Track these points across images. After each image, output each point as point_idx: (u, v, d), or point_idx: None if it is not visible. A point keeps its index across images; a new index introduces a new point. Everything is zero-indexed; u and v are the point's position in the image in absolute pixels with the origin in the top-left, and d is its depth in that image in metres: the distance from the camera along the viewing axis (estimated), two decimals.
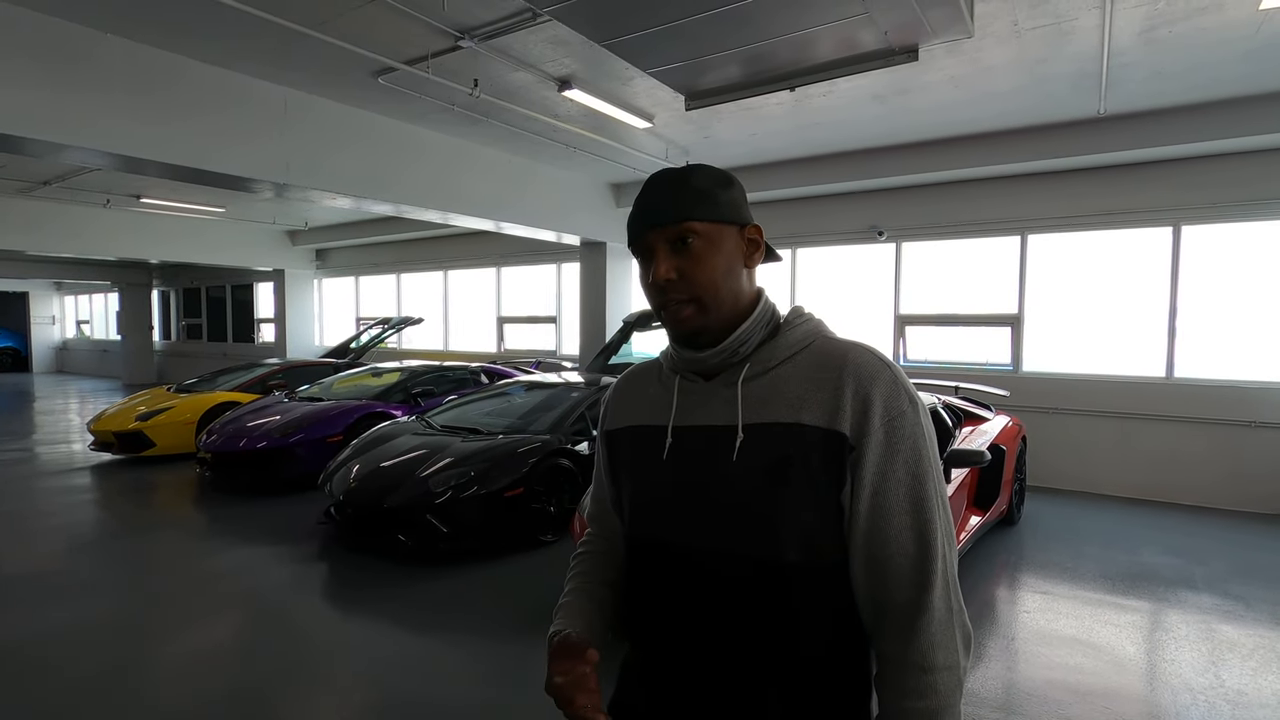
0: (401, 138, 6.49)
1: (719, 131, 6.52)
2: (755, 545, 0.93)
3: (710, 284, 0.97)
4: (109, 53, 4.61)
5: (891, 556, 0.91)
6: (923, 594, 0.90)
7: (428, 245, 12.49)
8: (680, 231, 0.97)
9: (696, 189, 0.98)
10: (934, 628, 0.89)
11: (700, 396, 1.02)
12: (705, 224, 0.97)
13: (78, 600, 3.90)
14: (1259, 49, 4.47)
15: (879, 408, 0.91)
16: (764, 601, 0.93)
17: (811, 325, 1.02)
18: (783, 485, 0.92)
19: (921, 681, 0.89)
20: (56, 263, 15.76)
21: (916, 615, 0.89)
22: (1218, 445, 6.19)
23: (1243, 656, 3.34)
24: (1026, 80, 5.05)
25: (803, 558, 0.92)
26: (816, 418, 0.92)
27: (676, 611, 1.00)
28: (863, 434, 0.91)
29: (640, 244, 1.01)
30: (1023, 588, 4.24)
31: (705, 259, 0.97)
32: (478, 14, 4.22)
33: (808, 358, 0.97)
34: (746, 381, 0.98)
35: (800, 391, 0.94)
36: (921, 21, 3.35)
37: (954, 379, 6.35)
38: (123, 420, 7.56)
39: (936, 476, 0.93)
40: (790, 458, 0.92)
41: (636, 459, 1.08)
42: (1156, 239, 6.47)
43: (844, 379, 0.93)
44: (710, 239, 0.97)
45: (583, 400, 5.55)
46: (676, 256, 0.97)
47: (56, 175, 8.73)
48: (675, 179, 1.00)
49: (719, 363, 1.00)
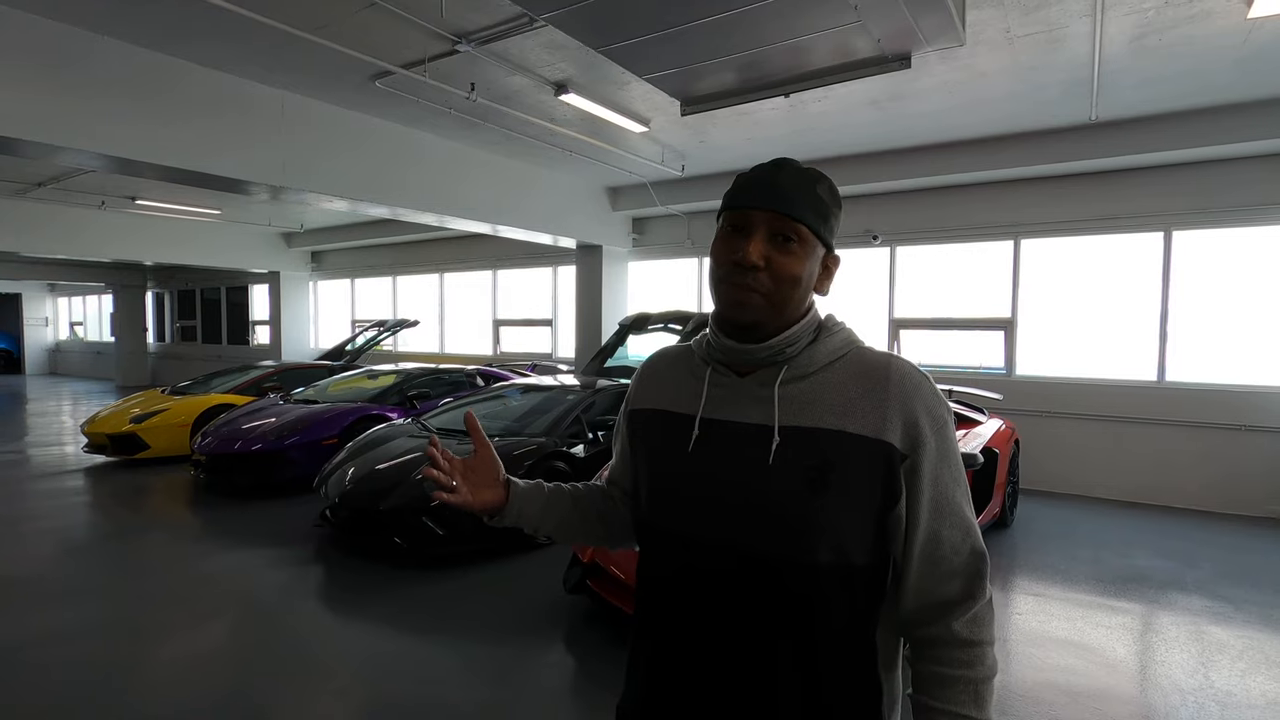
0: (398, 141, 6.51)
1: (715, 136, 6.56)
2: (786, 547, 0.94)
3: (791, 286, 0.97)
4: (105, 55, 4.61)
5: (946, 556, 0.96)
6: (974, 581, 0.97)
7: (424, 248, 12.49)
8: (789, 227, 0.96)
9: (819, 197, 0.99)
10: (981, 607, 0.96)
11: (731, 392, 1.02)
12: (811, 233, 0.98)
13: (71, 603, 3.89)
14: (1248, 57, 4.53)
15: (926, 419, 0.95)
16: (785, 601, 0.94)
17: (846, 334, 1.04)
18: (822, 490, 0.93)
19: (970, 654, 0.95)
20: (50, 264, 15.69)
21: (971, 599, 0.96)
22: (1208, 449, 6.24)
23: (1232, 658, 3.37)
24: (1019, 87, 5.10)
25: (834, 559, 0.94)
26: (862, 427, 0.94)
27: (692, 605, 1.00)
28: (917, 444, 0.94)
29: (740, 215, 0.98)
30: (1015, 590, 4.27)
31: (797, 263, 0.97)
32: (475, 19, 4.24)
33: (847, 366, 0.99)
34: (784, 384, 0.99)
35: (844, 400, 0.96)
36: (914, 29, 3.38)
37: (948, 383, 6.39)
38: (117, 422, 7.54)
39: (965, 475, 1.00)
40: (832, 464, 0.93)
41: (660, 446, 1.07)
42: (1148, 244, 6.53)
43: (889, 390, 0.95)
44: (808, 248, 0.98)
45: (578, 403, 5.56)
46: (772, 246, 0.96)
47: (51, 177, 8.71)
48: (803, 175, 0.99)
49: (762, 359, 1.00)
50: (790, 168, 1.00)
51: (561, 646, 3.44)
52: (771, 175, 0.99)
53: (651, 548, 1.08)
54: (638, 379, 1.18)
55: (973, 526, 0.97)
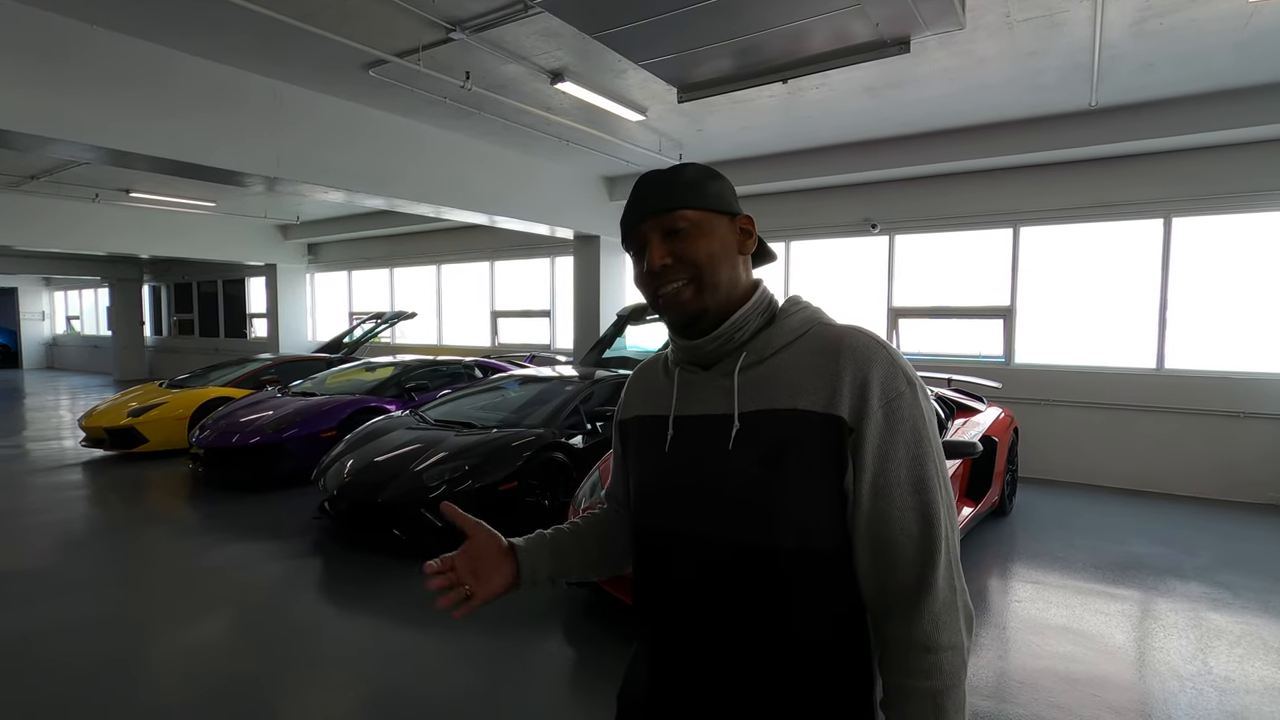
0: (393, 131, 6.46)
1: (712, 124, 6.51)
2: (751, 532, 0.94)
3: (707, 261, 0.98)
4: (95, 45, 4.56)
5: (894, 537, 0.91)
6: (926, 573, 0.90)
7: (421, 239, 12.44)
8: (673, 220, 0.99)
9: (684, 181, 1.01)
10: (938, 607, 0.89)
11: (699, 387, 1.03)
12: (696, 211, 0.99)
13: (70, 597, 3.89)
14: (1249, 40, 4.49)
15: (876, 389, 0.91)
16: (760, 588, 0.94)
17: (809, 313, 1.02)
18: (779, 472, 0.92)
19: (926, 661, 0.89)
20: (46, 258, 15.62)
21: (920, 595, 0.89)
22: (1207, 436, 6.24)
23: (1230, 644, 3.38)
24: (1018, 72, 5.06)
25: (799, 544, 0.92)
26: (813, 402, 0.92)
27: (678, 599, 1.01)
28: (861, 416, 0.91)
29: (634, 237, 1.03)
30: (1014, 577, 4.28)
31: (699, 240, 0.99)
32: (469, 5, 4.20)
33: (804, 344, 0.98)
34: (743, 370, 0.98)
35: (797, 377, 0.95)
36: (913, 13, 3.35)
37: (946, 371, 6.37)
38: (114, 416, 7.53)
39: (937, 457, 0.93)
40: (786, 443, 0.92)
41: (642, 449, 1.09)
42: (1147, 231, 6.50)
43: (841, 362, 0.93)
44: (702, 225, 0.99)
45: (577, 394, 5.55)
46: (670, 243, 0.99)
47: (44, 169, 8.65)
48: (664, 175, 1.03)
49: (716, 349, 1.01)
50: (648, 179, 1.04)
51: (560, 637, 3.45)
52: (636, 195, 1.04)
53: (640, 546, 1.10)
54: (625, 392, 1.21)
55: (935, 513, 0.90)
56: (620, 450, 1.20)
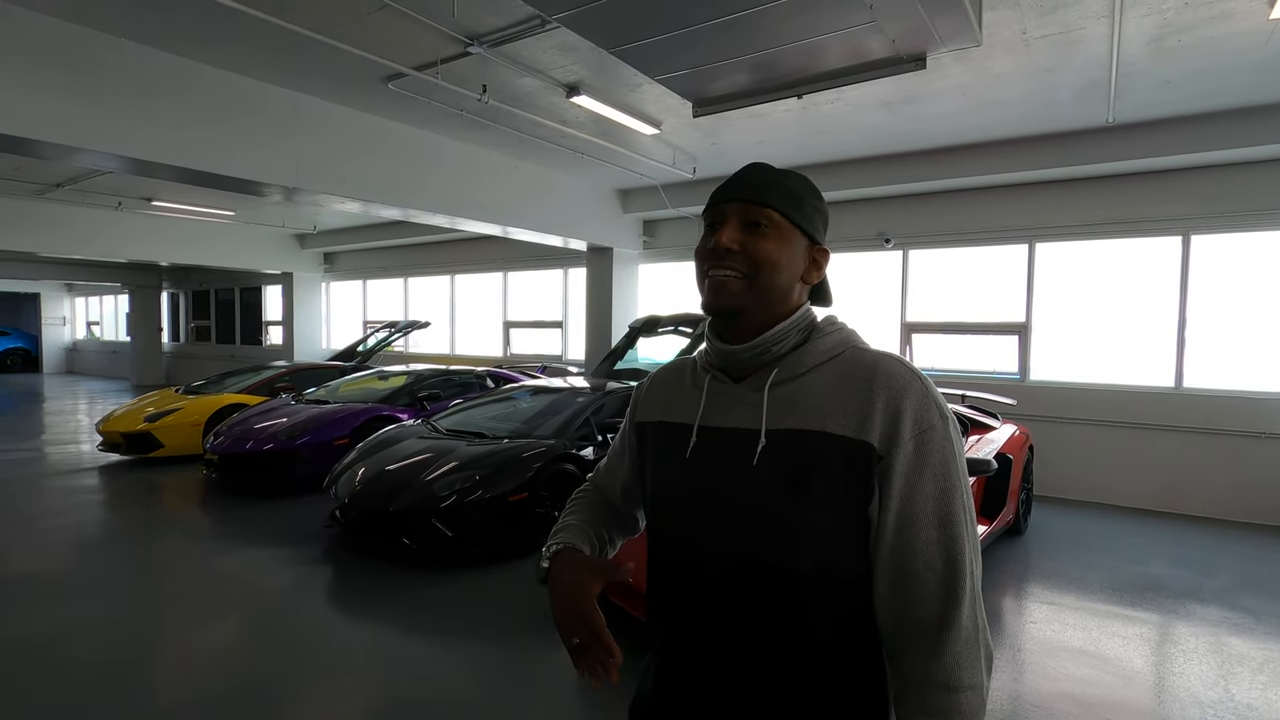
0: (410, 143, 6.53)
1: (727, 138, 6.54)
2: (770, 550, 0.93)
3: (769, 264, 0.97)
4: (121, 57, 4.66)
5: (918, 571, 0.90)
6: (950, 610, 0.88)
7: (435, 249, 12.55)
8: (758, 213, 0.98)
9: (789, 188, 1.01)
10: (960, 645, 0.88)
11: (728, 398, 1.01)
12: (783, 218, 0.99)
13: (84, 599, 3.92)
14: (1269, 58, 4.45)
15: (909, 420, 0.90)
16: (776, 606, 0.93)
17: (844, 334, 1.02)
18: (803, 492, 0.91)
19: (946, 701, 0.88)
20: (68, 264, 15.89)
21: (943, 632, 0.88)
22: (1227, 456, 6.13)
23: (1252, 670, 3.30)
24: (1035, 89, 5.05)
25: (817, 566, 0.91)
26: (843, 427, 0.91)
27: (693, 609, 1.00)
28: (892, 445, 0.90)
29: (715, 210, 1.02)
30: (1029, 598, 4.21)
31: (771, 243, 0.98)
32: (487, 20, 4.25)
33: (837, 367, 0.97)
34: (773, 386, 0.98)
35: (828, 400, 0.94)
36: (930, 30, 3.35)
37: (961, 387, 6.32)
38: (131, 421, 7.61)
39: (965, 492, 0.92)
40: (813, 466, 0.91)
41: (662, 455, 1.08)
42: (1165, 248, 6.43)
43: (874, 389, 0.92)
44: (782, 233, 0.99)
45: (588, 405, 5.55)
46: (744, 232, 0.98)
47: (69, 178, 8.81)
48: (773, 170, 1.03)
49: (750, 359, 1.00)
50: (759, 166, 1.03)
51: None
52: (741, 174, 1.03)
53: (657, 553, 1.09)
54: (644, 393, 1.19)
55: (960, 549, 0.90)
56: (636, 450, 1.17)
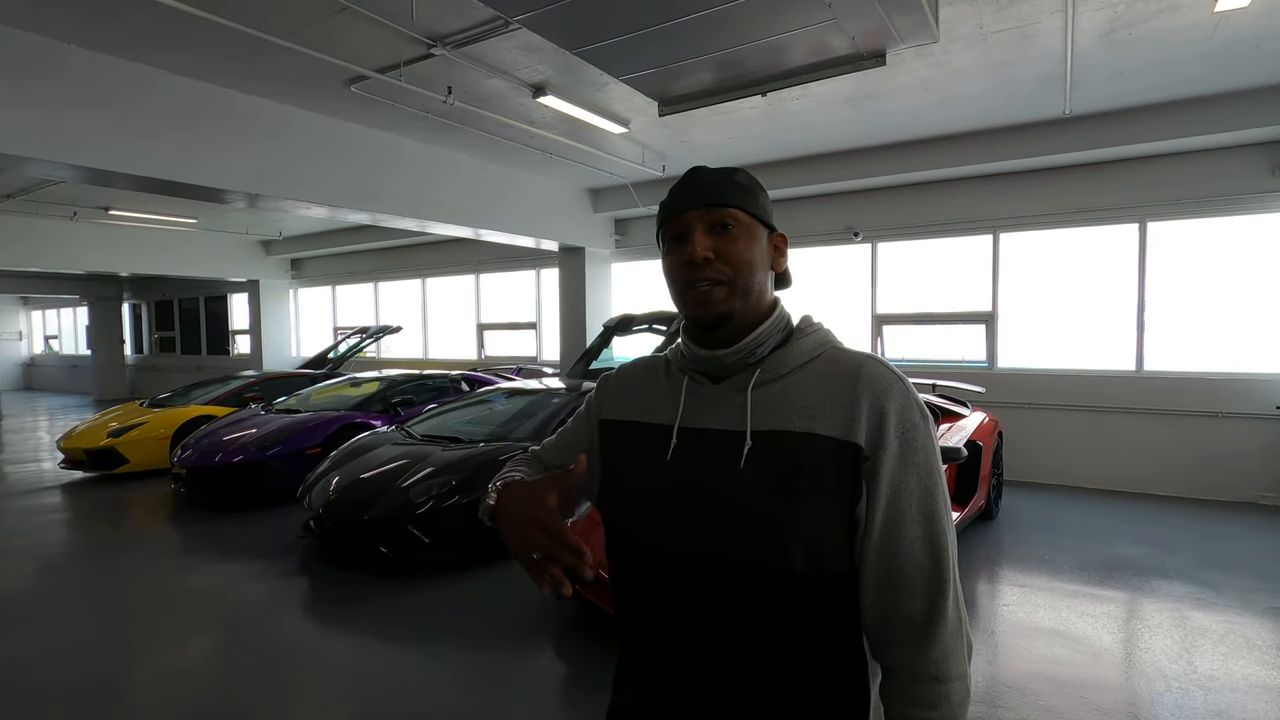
0: (376, 146, 6.45)
1: (695, 136, 6.56)
2: (760, 553, 0.92)
3: (747, 267, 0.97)
4: (72, 64, 4.53)
5: (904, 567, 0.91)
6: (936, 604, 0.91)
7: (405, 253, 12.40)
8: (724, 216, 0.97)
9: (741, 184, 1.01)
10: (947, 638, 0.91)
11: (708, 399, 1.00)
12: (745, 214, 0.99)
13: (51, 621, 3.81)
14: (1215, 50, 4.60)
15: (894, 420, 0.91)
16: (766, 610, 0.92)
17: (822, 335, 1.02)
18: (792, 494, 0.91)
19: (936, 692, 0.90)
20: (23, 277, 15.39)
21: (930, 625, 0.90)
22: (1187, 436, 6.33)
23: (1214, 642, 3.42)
24: (994, 82, 5.15)
25: (809, 567, 0.91)
26: (830, 428, 0.92)
27: (672, 618, 0.98)
28: (878, 445, 0.91)
29: (676, 223, 1.00)
30: (1002, 581, 4.31)
31: (742, 242, 0.98)
32: (450, 21, 4.21)
33: (819, 367, 0.97)
34: (756, 388, 0.97)
35: (813, 401, 0.94)
36: (888, 27, 3.40)
37: (931, 377, 6.43)
38: (94, 437, 7.41)
39: (944, 489, 0.94)
40: (801, 467, 0.91)
41: (637, 457, 1.05)
42: (1124, 235, 6.61)
43: (859, 390, 0.93)
44: (748, 229, 0.99)
45: (564, 407, 5.53)
46: (714, 238, 0.97)
47: (20, 188, 8.54)
48: (720, 171, 1.02)
49: (734, 363, 0.99)
50: (705, 169, 1.03)
51: (549, 653, 3.42)
52: (691, 180, 1.02)
53: (632, 558, 1.05)
54: (608, 387, 1.16)
55: (944, 544, 0.92)
56: (599, 447, 1.13)
